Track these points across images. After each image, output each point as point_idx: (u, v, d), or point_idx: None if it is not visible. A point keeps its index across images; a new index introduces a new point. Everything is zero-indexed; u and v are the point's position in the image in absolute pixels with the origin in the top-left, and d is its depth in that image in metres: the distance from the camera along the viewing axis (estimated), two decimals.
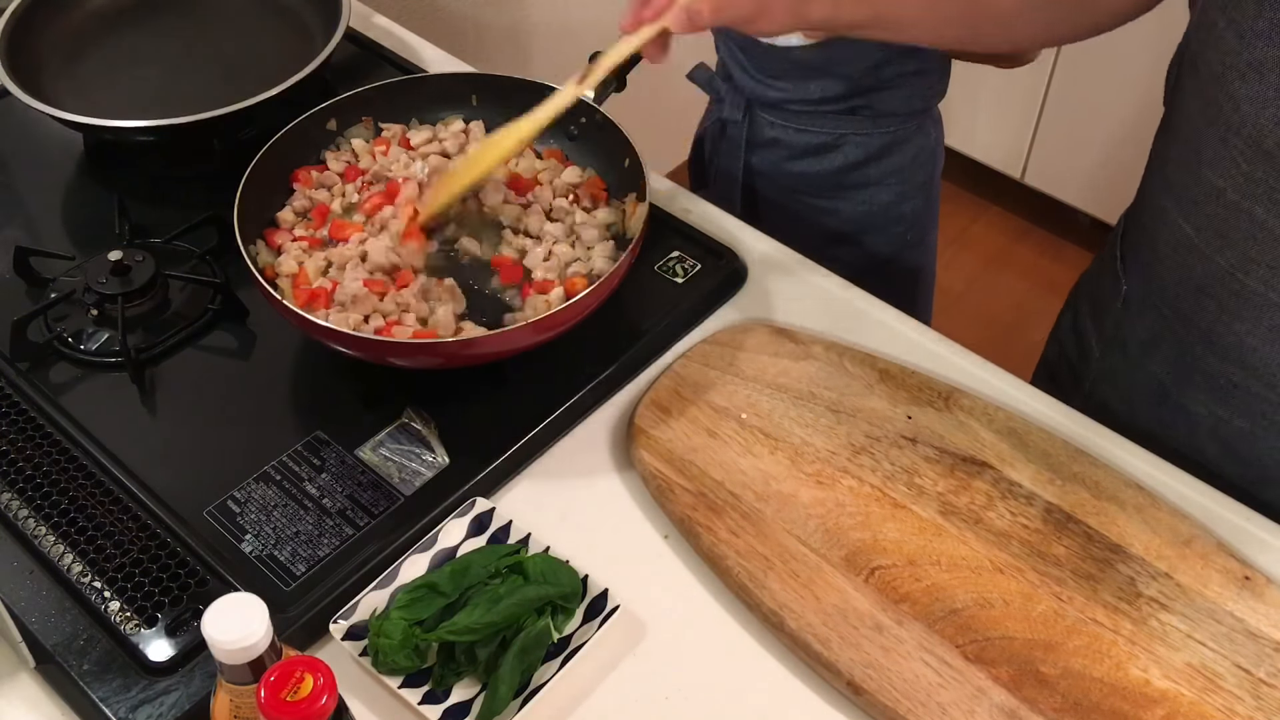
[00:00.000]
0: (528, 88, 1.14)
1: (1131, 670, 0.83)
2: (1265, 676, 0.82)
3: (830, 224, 1.41)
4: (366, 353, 0.96)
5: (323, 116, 1.13)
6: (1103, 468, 0.95)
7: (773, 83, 1.32)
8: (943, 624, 0.85)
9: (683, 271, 1.12)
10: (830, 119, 1.33)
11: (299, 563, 0.89)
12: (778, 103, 1.33)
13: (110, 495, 0.92)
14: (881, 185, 1.37)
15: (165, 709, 0.80)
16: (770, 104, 1.34)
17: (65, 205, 1.23)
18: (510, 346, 0.96)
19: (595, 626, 0.85)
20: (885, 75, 1.29)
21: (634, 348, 1.05)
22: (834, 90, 1.30)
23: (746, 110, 1.36)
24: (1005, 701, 0.81)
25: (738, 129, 1.38)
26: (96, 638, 0.84)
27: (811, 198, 1.40)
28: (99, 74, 1.28)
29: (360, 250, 1.03)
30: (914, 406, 0.99)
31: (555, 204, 1.09)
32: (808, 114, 1.33)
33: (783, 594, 0.87)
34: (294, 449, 0.96)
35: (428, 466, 0.96)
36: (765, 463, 0.95)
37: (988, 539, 0.90)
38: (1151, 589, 0.87)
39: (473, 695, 0.83)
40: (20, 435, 0.97)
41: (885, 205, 1.39)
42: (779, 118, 1.35)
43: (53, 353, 1.04)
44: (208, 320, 1.07)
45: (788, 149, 1.36)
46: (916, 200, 1.41)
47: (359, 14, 1.45)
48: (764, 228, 1.20)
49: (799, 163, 1.37)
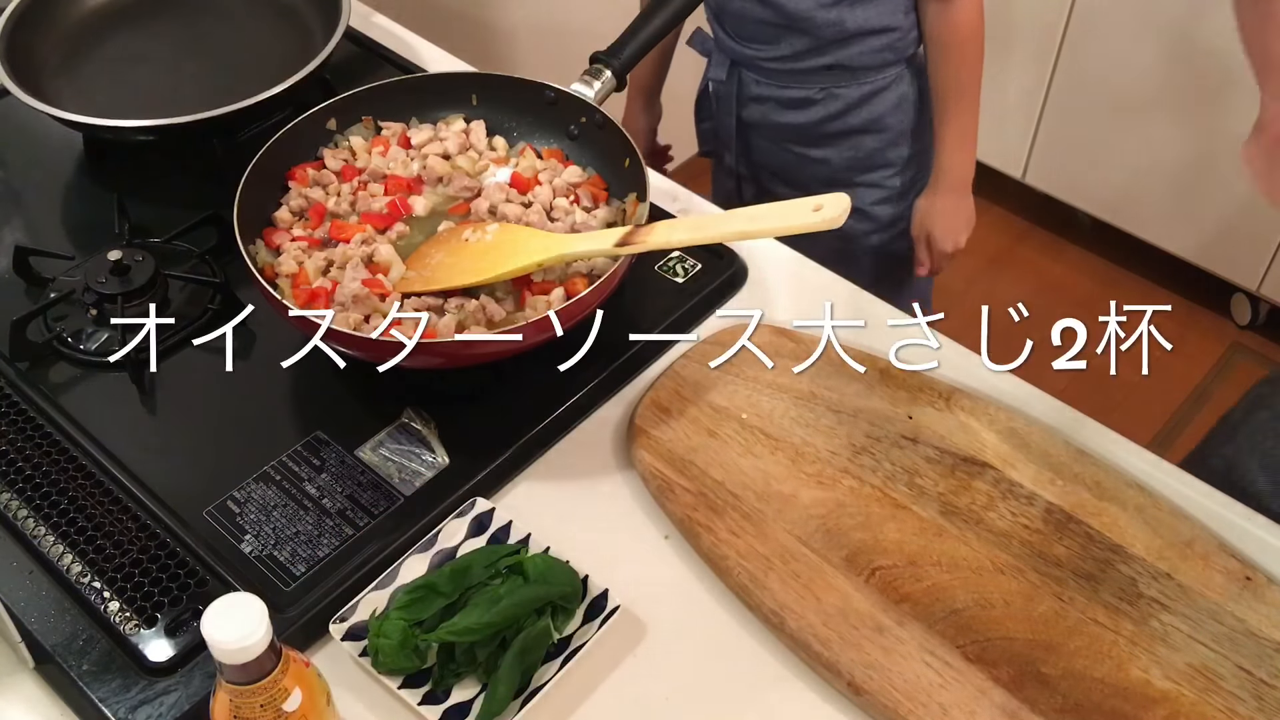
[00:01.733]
0: (528, 87, 1.14)
1: (1132, 671, 0.83)
2: (1266, 677, 0.82)
3: (823, 172, 1.48)
4: (366, 353, 0.96)
5: (323, 116, 1.13)
6: (1103, 468, 0.95)
7: (747, 44, 1.41)
8: (943, 624, 0.85)
9: (683, 271, 1.12)
10: (807, 75, 1.40)
11: (299, 563, 0.89)
12: (754, 61, 1.42)
13: (110, 495, 0.92)
14: (865, 133, 1.45)
15: (165, 709, 0.80)
16: (749, 63, 1.42)
17: (65, 205, 1.22)
18: (510, 346, 0.95)
19: (595, 627, 0.85)
20: (848, 29, 1.34)
21: (634, 348, 1.05)
22: (802, 46, 1.36)
23: (732, 69, 1.44)
24: (1006, 702, 0.81)
25: (726, 87, 1.46)
26: (96, 638, 0.84)
27: (802, 146, 1.48)
28: (99, 74, 1.28)
29: (362, 250, 1.03)
30: (914, 406, 0.99)
31: (556, 204, 1.09)
32: (786, 71, 1.40)
33: (783, 594, 0.87)
34: (294, 449, 0.96)
35: (428, 466, 0.95)
36: (766, 463, 0.95)
37: (988, 539, 0.90)
38: (1152, 589, 0.87)
39: (473, 696, 0.83)
40: (20, 435, 0.97)
41: (871, 151, 1.46)
42: (761, 75, 1.43)
43: (52, 353, 1.04)
44: (207, 320, 1.06)
45: (775, 101, 1.44)
46: (902, 148, 1.47)
47: (359, 14, 1.45)
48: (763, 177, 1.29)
49: (786, 114, 1.45)
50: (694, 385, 1.01)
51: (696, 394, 1.00)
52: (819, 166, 1.48)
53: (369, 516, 0.92)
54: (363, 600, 0.86)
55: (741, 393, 1.00)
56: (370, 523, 0.92)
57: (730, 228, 0.96)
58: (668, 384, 1.01)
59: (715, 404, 0.99)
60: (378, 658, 0.82)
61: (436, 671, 0.83)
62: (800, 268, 1.16)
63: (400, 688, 0.82)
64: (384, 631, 0.82)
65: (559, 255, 0.98)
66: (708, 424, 0.98)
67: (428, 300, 1.00)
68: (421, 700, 0.82)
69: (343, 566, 0.89)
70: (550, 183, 1.11)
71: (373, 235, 1.06)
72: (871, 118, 1.43)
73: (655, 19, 1.20)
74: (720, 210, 1.24)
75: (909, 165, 1.49)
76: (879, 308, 1.12)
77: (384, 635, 0.82)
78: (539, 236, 1.01)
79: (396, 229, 1.07)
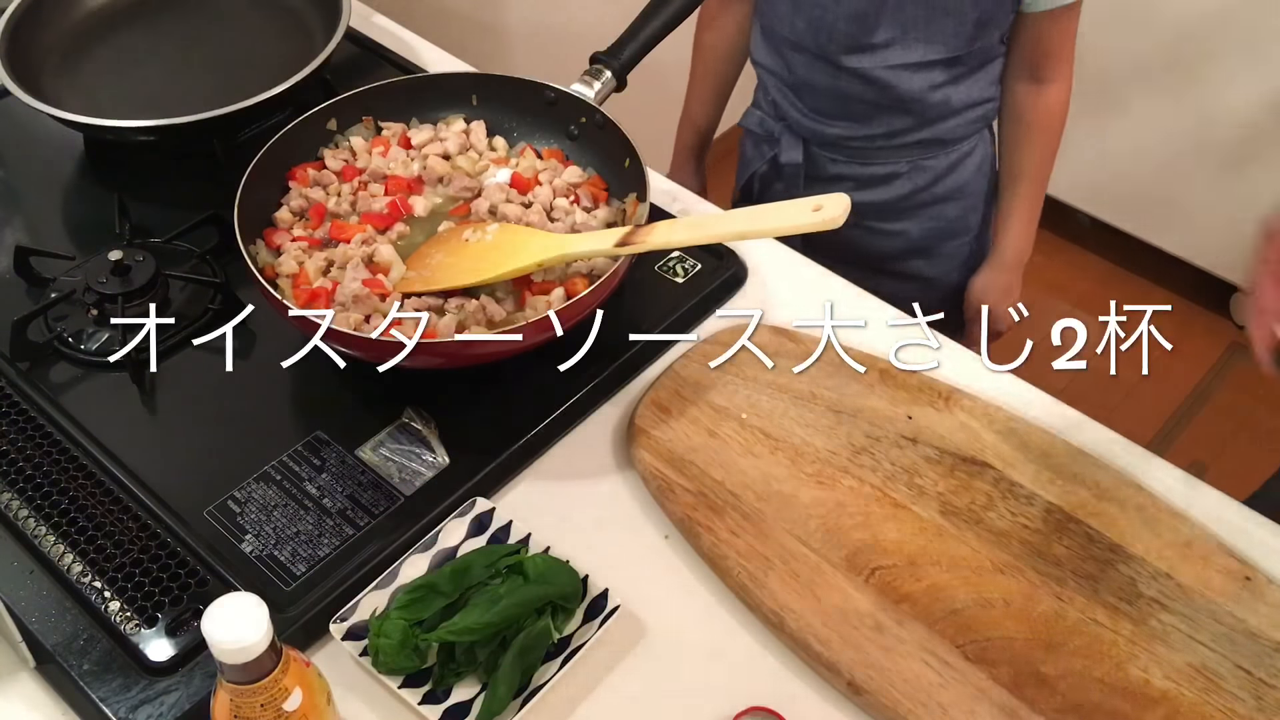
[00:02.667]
0: (528, 88, 1.14)
1: (1132, 670, 0.83)
2: (1266, 677, 0.82)
3: (897, 244, 1.41)
4: (366, 353, 0.96)
5: (323, 116, 1.13)
6: (1103, 468, 0.95)
7: (832, 122, 1.32)
8: (943, 624, 0.85)
9: (683, 271, 1.12)
10: (893, 151, 1.32)
11: (299, 563, 0.89)
12: (836, 140, 1.33)
13: (110, 495, 0.92)
14: (949, 201, 1.38)
15: (165, 709, 0.80)
16: (829, 142, 1.34)
17: (65, 205, 1.22)
18: (510, 346, 0.96)
19: (595, 626, 0.85)
20: (952, 105, 1.28)
21: (634, 348, 1.05)
22: (900, 124, 1.29)
23: (804, 149, 1.36)
24: (1006, 701, 0.81)
25: (796, 169, 1.37)
26: (96, 638, 0.84)
27: (877, 222, 1.40)
28: (99, 74, 1.28)
29: (362, 251, 1.03)
30: (914, 406, 0.99)
31: (556, 204, 1.09)
32: (870, 150, 1.33)
33: (783, 594, 0.87)
34: (294, 449, 0.96)
35: (428, 466, 0.95)
36: (766, 463, 0.95)
37: (988, 539, 0.90)
38: (1152, 589, 0.87)
39: (473, 695, 0.83)
40: (20, 435, 0.97)
41: (953, 220, 1.40)
42: (840, 154, 1.35)
43: (53, 353, 1.04)
44: (208, 320, 1.07)
45: (853, 180, 1.36)
46: (982, 209, 1.42)
47: (359, 14, 1.45)
48: (820, 258, 1.18)
49: (864, 193, 1.36)
50: (694, 385, 1.01)
51: (696, 394, 1.00)
52: (892, 240, 1.41)
53: (369, 516, 0.92)
54: (363, 600, 0.86)
55: (741, 393, 1.00)
56: (370, 522, 0.92)
57: (730, 228, 0.96)
58: (668, 384, 1.01)
59: (715, 404, 1.00)
60: (378, 657, 0.82)
61: (437, 671, 0.83)
62: (800, 268, 1.16)
63: (400, 687, 0.82)
64: (384, 631, 0.82)
65: (559, 255, 0.98)
66: (708, 424, 0.98)
67: (428, 300, 1.00)
68: (422, 700, 0.82)
69: (343, 566, 0.89)
70: (550, 183, 1.11)
71: (373, 235, 1.06)
72: (957, 185, 1.37)
73: (655, 19, 1.20)
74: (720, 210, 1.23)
75: (983, 231, 1.44)
76: (879, 308, 1.12)
77: (384, 635, 0.82)
78: (539, 237, 1.01)
79: (397, 229, 1.07)
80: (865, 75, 1.25)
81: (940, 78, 1.25)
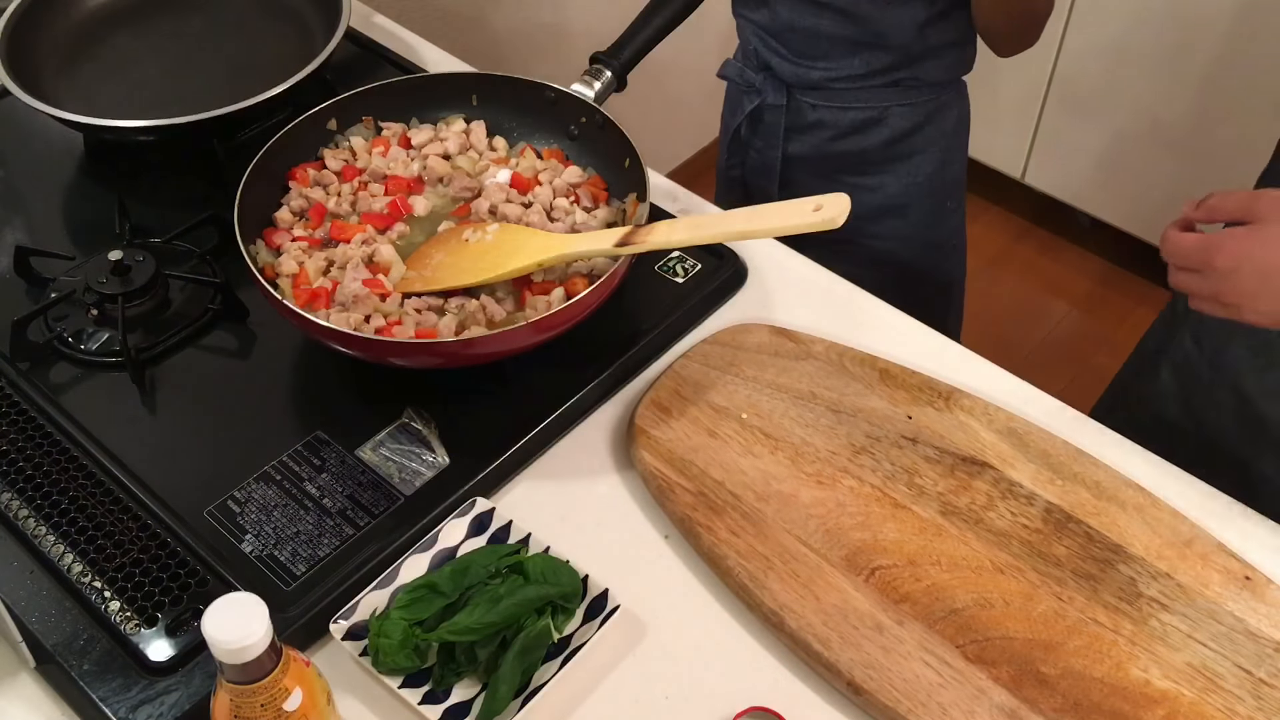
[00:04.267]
0: (528, 87, 1.14)
1: (1132, 670, 0.83)
2: (1265, 676, 0.82)
3: (874, 200, 1.42)
4: (366, 353, 0.96)
5: (323, 116, 1.13)
6: (1103, 468, 0.95)
7: (814, 64, 1.33)
8: (943, 624, 0.85)
9: (683, 271, 1.12)
10: (875, 93, 1.34)
11: (299, 563, 0.89)
12: (820, 83, 1.34)
13: (110, 495, 0.92)
14: (926, 153, 1.39)
15: (165, 709, 0.80)
16: (812, 85, 1.35)
17: (65, 205, 1.22)
18: (510, 346, 0.96)
19: (595, 626, 0.85)
20: (930, 43, 1.30)
21: (634, 348, 1.05)
22: (880, 63, 1.31)
23: (787, 96, 1.37)
24: (1005, 701, 0.81)
25: (776, 115, 1.39)
26: (96, 638, 0.84)
27: (854, 176, 1.41)
28: (99, 74, 1.28)
29: (362, 251, 1.04)
30: (914, 406, 0.99)
31: (556, 204, 1.09)
32: (852, 90, 1.34)
33: (783, 594, 0.87)
34: (294, 449, 0.96)
35: (428, 466, 0.95)
36: (766, 463, 0.95)
37: (988, 539, 0.90)
38: (1152, 589, 0.87)
39: (473, 695, 0.83)
40: (20, 435, 0.97)
41: (930, 175, 1.41)
42: (821, 98, 1.36)
43: (53, 353, 1.04)
44: (208, 320, 1.07)
45: (832, 129, 1.37)
46: (955, 166, 1.43)
47: (359, 14, 1.45)
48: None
49: (843, 142, 1.38)
50: (694, 385, 1.01)
51: (696, 394, 1.00)
52: (872, 195, 1.41)
53: (369, 516, 0.92)
54: (363, 600, 0.86)
55: (741, 393, 1.00)
56: (370, 522, 0.92)
57: (730, 228, 0.96)
58: (668, 384, 1.01)
59: (715, 404, 1.00)
60: (378, 657, 0.82)
61: (437, 671, 0.83)
62: (800, 268, 1.16)
63: (400, 687, 0.82)
64: (384, 631, 0.82)
65: (559, 255, 0.98)
66: (708, 424, 0.98)
67: (428, 300, 1.00)
68: (422, 700, 0.82)
69: (343, 566, 0.89)
70: (550, 183, 1.11)
71: (373, 235, 1.06)
72: (935, 137, 1.38)
73: (655, 19, 1.20)
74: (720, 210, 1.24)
75: (959, 186, 1.44)
76: (879, 308, 1.12)
77: (384, 635, 0.82)
78: (539, 236, 1.01)
79: (397, 229, 1.07)
80: (846, 10, 1.26)
81: (921, 14, 1.27)
